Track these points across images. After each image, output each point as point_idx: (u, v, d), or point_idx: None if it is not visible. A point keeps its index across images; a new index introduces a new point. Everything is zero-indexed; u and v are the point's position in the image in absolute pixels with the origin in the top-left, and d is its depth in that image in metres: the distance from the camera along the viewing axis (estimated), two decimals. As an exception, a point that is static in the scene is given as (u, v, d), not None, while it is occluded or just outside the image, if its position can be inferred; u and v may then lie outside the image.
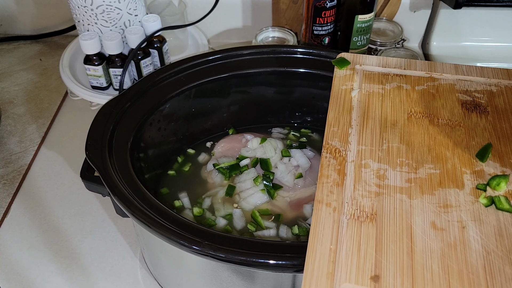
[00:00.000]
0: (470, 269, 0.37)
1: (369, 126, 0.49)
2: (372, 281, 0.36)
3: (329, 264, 0.37)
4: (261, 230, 0.59)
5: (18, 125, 0.83)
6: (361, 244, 0.38)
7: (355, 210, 0.41)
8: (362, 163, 0.45)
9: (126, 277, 0.62)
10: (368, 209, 0.41)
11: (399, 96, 0.53)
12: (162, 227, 0.45)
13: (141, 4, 0.80)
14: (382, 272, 0.36)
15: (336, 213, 0.41)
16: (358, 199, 0.42)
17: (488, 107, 0.51)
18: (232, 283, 0.49)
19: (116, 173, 0.51)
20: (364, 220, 0.40)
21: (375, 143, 0.47)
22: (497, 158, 0.46)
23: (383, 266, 0.37)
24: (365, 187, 0.43)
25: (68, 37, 1.01)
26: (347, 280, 0.36)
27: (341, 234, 0.39)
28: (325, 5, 0.78)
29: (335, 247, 0.38)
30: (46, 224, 0.68)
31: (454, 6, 0.82)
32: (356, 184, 0.43)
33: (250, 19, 0.96)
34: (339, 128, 0.48)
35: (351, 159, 0.45)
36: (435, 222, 0.40)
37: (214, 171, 0.66)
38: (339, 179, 0.44)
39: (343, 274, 0.36)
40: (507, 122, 0.49)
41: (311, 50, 0.67)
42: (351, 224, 0.40)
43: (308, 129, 0.74)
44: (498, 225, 0.40)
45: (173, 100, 0.64)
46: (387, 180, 0.44)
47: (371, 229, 0.39)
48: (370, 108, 0.51)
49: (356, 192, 0.42)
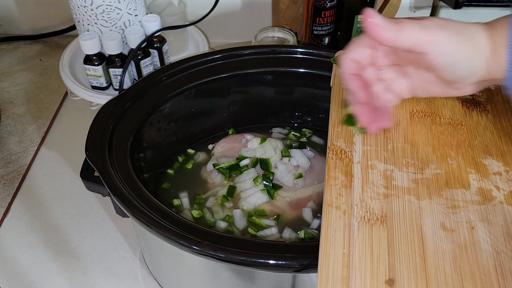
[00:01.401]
0: (482, 270, 0.36)
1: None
2: (387, 285, 0.35)
3: (343, 269, 0.36)
4: (263, 230, 0.59)
5: (18, 125, 0.83)
6: (373, 247, 0.38)
7: (365, 213, 0.40)
8: (368, 164, 0.44)
9: (126, 277, 0.62)
10: (378, 211, 0.40)
11: None
12: (162, 227, 0.45)
13: (141, 4, 0.80)
14: (397, 276, 0.36)
15: (346, 216, 0.40)
16: (367, 201, 0.41)
17: (488, 105, 0.51)
18: (232, 283, 0.49)
19: (116, 173, 0.51)
20: (375, 222, 0.39)
21: (380, 143, 0.47)
22: (500, 157, 0.45)
23: (397, 269, 0.36)
24: (373, 189, 0.42)
25: (68, 37, 1.00)
26: (362, 285, 0.35)
27: (353, 238, 0.38)
28: (325, 5, 0.78)
29: (348, 251, 0.37)
30: (46, 224, 0.68)
31: (454, 6, 0.82)
32: (364, 186, 0.42)
33: (250, 19, 0.96)
34: (343, 129, 0.48)
35: (357, 160, 0.45)
36: (445, 223, 0.40)
37: (214, 171, 0.66)
38: (347, 181, 0.43)
39: (358, 278, 0.36)
40: (507, 121, 0.49)
41: (311, 50, 0.67)
42: (362, 227, 0.39)
43: (309, 129, 0.74)
44: (506, 225, 0.39)
45: (173, 100, 0.64)
46: (394, 181, 0.43)
47: (382, 232, 0.39)
48: None
49: (364, 194, 0.42)
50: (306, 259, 0.42)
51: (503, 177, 0.44)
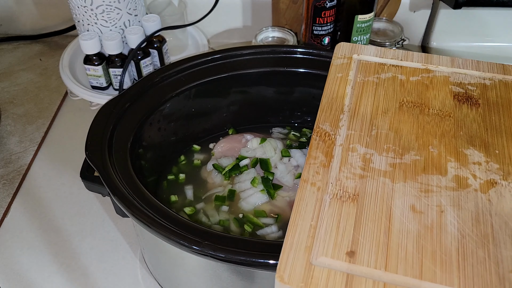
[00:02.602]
0: (444, 250, 0.38)
1: (361, 112, 0.50)
2: (347, 256, 0.37)
3: (308, 239, 0.38)
4: (263, 228, 0.59)
5: (18, 125, 0.83)
6: (340, 222, 0.40)
7: (338, 191, 0.42)
8: (350, 147, 0.46)
9: (126, 277, 0.62)
10: (351, 190, 0.42)
11: (393, 85, 0.54)
12: (162, 227, 0.45)
13: (141, 4, 0.80)
14: (358, 248, 0.38)
15: (319, 192, 0.42)
16: (343, 180, 0.43)
17: (480, 100, 0.52)
18: (232, 283, 0.49)
19: (116, 173, 0.51)
20: (346, 200, 0.41)
21: (364, 128, 0.48)
22: (482, 148, 0.46)
23: (360, 243, 0.38)
24: (350, 170, 0.44)
25: (68, 37, 1.01)
26: (323, 254, 0.37)
27: (323, 212, 0.40)
28: (325, 5, 0.78)
29: (315, 223, 0.39)
30: (46, 224, 0.68)
31: (454, 6, 0.83)
32: (342, 167, 0.44)
33: (250, 19, 0.96)
34: (331, 113, 0.50)
35: (340, 143, 0.47)
36: (415, 205, 0.41)
37: (214, 171, 0.66)
38: (326, 161, 0.45)
39: (321, 248, 0.38)
40: (497, 115, 0.50)
41: (311, 50, 0.67)
42: (333, 203, 0.41)
43: (309, 129, 0.74)
44: (476, 211, 0.41)
45: (173, 100, 0.64)
46: (372, 164, 0.45)
47: (352, 209, 0.41)
48: (363, 96, 0.53)
49: (341, 174, 0.44)
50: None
51: (482, 167, 0.45)
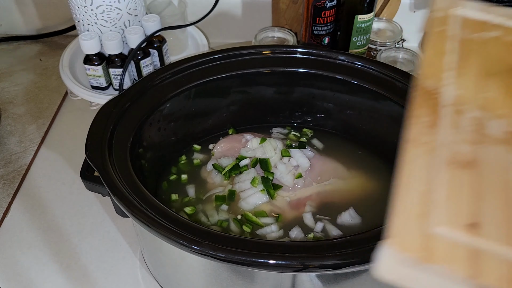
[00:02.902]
0: None
1: (467, 72, 0.46)
2: (471, 227, 0.33)
3: (422, 205, 0.34)
4: (263, 228, 0.59)
5: (18, 125, 0.83)
6: (456, 190, 0.36)
7: (450, 155, 0.38)
8: (458, 109, 0.42)
9: (126, 277, 0.62)
10: (465, 156, 0.38)
11: (500, 46, 0.49)
12: (162, 227, 0.45)
13: (141, 4, 0.80)
14: (482, 220, 0.34)
15: (429, 156, 0.38)
16: (454, 145, 0.39)
17: None
18: (232, 283, 0.49)
19: (116, 173, 0.51)
20: (461, 166, 0.37)
21: (471, 91, 0.44)
22: None
23: (483, 214, 0.34)
24: (462, 134, 0.40)
25: (68, 37, 1.00)
26: (442, 223, 0.33)
27: (436, 178, 0.36)
28: (325, 5, 0.78)
29: (428, 189, 0.35)
30: (46, 224, 0.68)
31: (454, 6, 0.82)
32: (452, 129, 0.40)
33: (250, 19, 0.96)
34: (434, 71, 0.45)
35: (447, 103, 0.42)
36: None
37: (214, 171, 0.66)
38: (433, 122, 0.40)
39: (439, 216, 0.34)
40: None
41: (311, 50, 0.67)
42: (447, 169, 0.37)
43: (309, 129, 0.74)
44: None
45: (173, 100, 0.64)
46: (486, 129, 0.40)
47: (468, 176, 0.36)
48: (468, 55, 0.48)
49: (452, 137, 0.39)
50: (306, 259, 0.42)
51: None
